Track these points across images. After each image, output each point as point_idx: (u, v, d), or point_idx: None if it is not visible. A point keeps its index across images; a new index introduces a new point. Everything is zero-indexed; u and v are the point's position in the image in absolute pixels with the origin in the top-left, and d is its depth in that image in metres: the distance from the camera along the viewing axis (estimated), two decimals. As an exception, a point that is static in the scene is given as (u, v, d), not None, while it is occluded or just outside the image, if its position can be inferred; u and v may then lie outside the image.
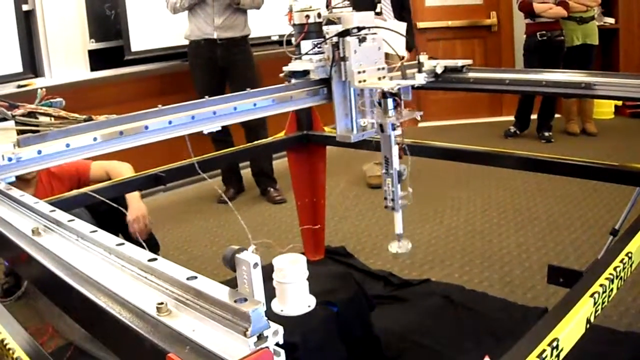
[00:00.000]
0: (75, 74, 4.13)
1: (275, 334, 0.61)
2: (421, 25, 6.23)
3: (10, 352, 1.22)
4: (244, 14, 4.16)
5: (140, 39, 4.31)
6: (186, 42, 4.23)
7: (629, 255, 1.18)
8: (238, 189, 4.50)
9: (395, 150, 1.75)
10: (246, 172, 4.51)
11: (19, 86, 3.82)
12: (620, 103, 6.07)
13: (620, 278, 1.14)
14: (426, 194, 4.23)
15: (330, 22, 1.75)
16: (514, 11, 5.97)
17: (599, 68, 5.83)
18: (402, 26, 4.08)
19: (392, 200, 1.83)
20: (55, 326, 2.50)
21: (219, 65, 4.09)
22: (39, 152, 1.34)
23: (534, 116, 5.60)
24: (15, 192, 1.18)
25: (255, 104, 1.73)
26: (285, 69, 1.85)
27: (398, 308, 2.60)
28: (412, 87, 1.79)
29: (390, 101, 1.66)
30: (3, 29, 3.76)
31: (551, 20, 5.15)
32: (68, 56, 4.12)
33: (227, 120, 1.68)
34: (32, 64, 3.98)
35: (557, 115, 5.62)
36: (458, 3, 6.31)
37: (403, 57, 1.83)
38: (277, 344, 0.62)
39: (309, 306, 2.04)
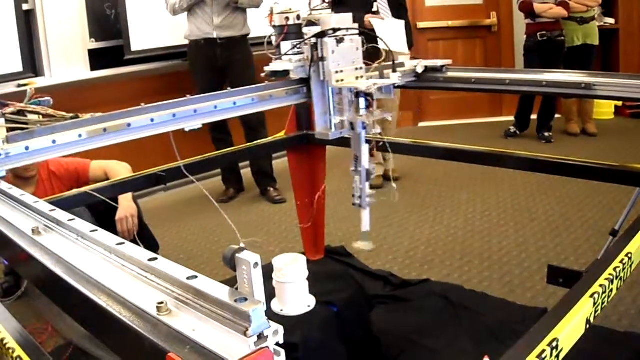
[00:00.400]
0: (75, 74, 4.13)
1: (276, 333, 0.61)
2: (421, 25, 6.23)
3: (10, 351, 1.22)
4: (244, 13, 4.16)
5: (140, 38, 4.32)
6: (186, 42, 4.23)
7: (629, 255, 1.18)
8: (238, 188, 4.51)
9: (365, 148, 1.78)
10: (246, 172, 4.51)
11: (19, 85, 3.82)
12: (620, 103, 6.07)
13: (620, 278, 1.14)
14: (426, 194, 4.23)
15: (311, 23, 1.80)
16: (514, 11, 5.97)
17: (599, 68, 5.84)
18: (400, 24, 4.09)
19: (360, 197, 1.87)
20: (54, 325, 2.50)
21: (218, 64, 4.09)
22: (27, 148, 1.40)
23: (534, 116, 5.61)
24: (16, 191, 1.18)
25: (235, 103, 1.79)
26: (266, 69, 1.90)
27: (398, 308, 2.59)
28: (394, 86, 1.83)
29: (362, 100, 1.69)
30: (3, 28, 3.76)
31: (551, 20, 5.15)
32: (68, 56, 4.12)
33: (208, 118, 1.73)
34: (32, 63, 3.98)
35: (557, 116, 5.62)
36: (458, 3, 6.31)
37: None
38: (277, 344, 0.62)
39: (309, 306, 2.04)
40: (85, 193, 2.06)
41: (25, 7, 3.89)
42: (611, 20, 6.17)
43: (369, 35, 1.87)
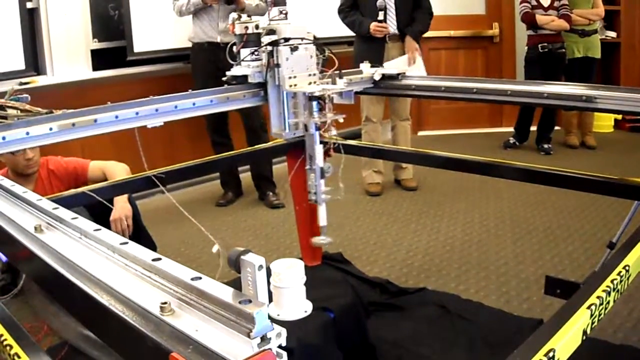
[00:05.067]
0: (77, 73, 4.14)
1: (279, 336, 0.62)
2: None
3: (8, 348, 1.22)
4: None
5: (143, 40, 4.32)
6: (188, 45, 4.24)
7: (627, 268, 1.18)
8: (237, 192, 4.51)
9: (318, 148, 1.92)
10: (245, 176, 4.51)
11: (21, 83, 3.81)
12: (619, 117, 6.09)
13: (617, 291, 1.15)
14: (424, 202, 4.24)
15: (271, 32, 1.93)
16: (516, 22, 6.00)
17: (600, 81, 5.86)
18: (419, 65, 4.21)
19: (315, 194, 2.00)
20: (50, 324, 2.50)
21: (220, 67, 4.09)
22: (4, 138, 1.54)
23: (533, 128, 5.62)
24: (18, 189, 1.18)
25: (194, 103, 1.90)
26: (228, 73, 2.06)
27: (394, 316, 2.60)
28: (355, 92, 2.08)
29: (314, 104, 1.82)
30: (7, 26, 3.76)
31: (553, 32, 5.17)
32: (71, 55, 4.12)
33: (168, 117, 1.84)
34: (35, 61, 3.99)
35: (556, 128, 5.64)
36: (461, 13, 6.33)
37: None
38: (279, 346, 0.62)
39: (306, 311, 2.04)
40: (83, 193, 2.08)
41: (29, 5, 3.90)
42: (613, 34, 6.20)
43: (322, 45, 2.01)
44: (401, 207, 4.18)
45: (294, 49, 1.87)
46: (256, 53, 1.96)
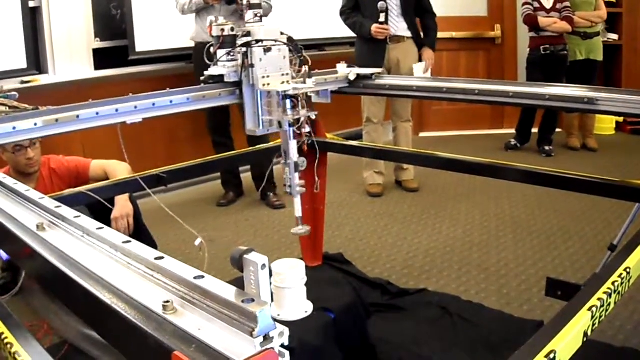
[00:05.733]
0: (79, 72, 4.14)
1: (281, 335, 0.62)
2: (425, 35, 6.25)
3: (8, 346, 1.22)
4: (250, 20, 4.18)
5: (145, 39, 4.32)
6: (190, 44, 4.24)
7: (627, 270, 1.19)
8: (237, 192, 4.51)
9: (292, 144, 1.97)
10: (246, 176, 4.51)
11: (23, 82, 3.82)
12: (621, 119, 6.09)
13: (618, 293, 1.15)
14: (425, 204, 4.24)
15: (248, 34, 2.02)
16: (519, 24, 5.99)
17: (602, 84, 5.86)
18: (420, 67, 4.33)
19: (290, 186, 2.05)
20: (50, 323, 2.50)
21: (220, 67, 4.10)
22: None
23: (535, 130, 5.62)
24: (21, 187, 1.18)
25: (171, 101, 1.98)
26: (205, 73, 2.16)
27: (394, 316, 2.60)
28: (331, 92, 2.28)
29: (288, 102, 1.88)
30: (9, 25, 3.76)
31: (555, 34, 5.17)
32: (73, 54, 4.12)
33: (147, 113, 1.90)
34: (37, 60, 3.99)
35: (558, 130, 5.64)
36: (463, 14, 6.32)
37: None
38: (282, 345, 0.62)
39: (306, 312, 2.05)
40: (84, 192, 2.09)
41: (31, 4, 3.90)
42: (614, 36, 6.19)
43: (296, 46, 2.06)
44: (402, 208, 4.18)
45: (267, 50, 1.95)
46: (232, 54, 2.04)
